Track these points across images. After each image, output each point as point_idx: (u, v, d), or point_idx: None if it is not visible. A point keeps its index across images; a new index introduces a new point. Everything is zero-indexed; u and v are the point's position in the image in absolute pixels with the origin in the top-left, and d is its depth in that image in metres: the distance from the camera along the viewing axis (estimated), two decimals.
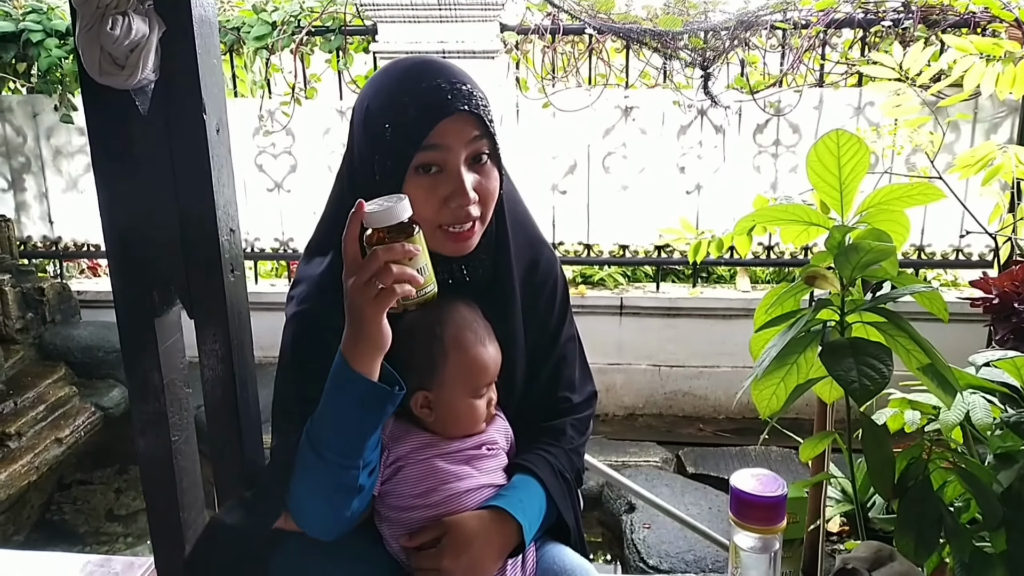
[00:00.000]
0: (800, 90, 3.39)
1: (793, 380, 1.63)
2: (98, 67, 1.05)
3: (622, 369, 3.75)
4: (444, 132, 1.00)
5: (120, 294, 1.21)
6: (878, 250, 1.46)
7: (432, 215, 1.03)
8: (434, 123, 0.99)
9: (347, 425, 0.97)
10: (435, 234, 1.03)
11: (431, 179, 1.02)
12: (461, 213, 1.02)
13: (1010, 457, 1.57)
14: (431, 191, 1.02)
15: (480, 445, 1.11)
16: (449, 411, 1.08)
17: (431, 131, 1.00)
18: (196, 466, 1.34)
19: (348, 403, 0.96)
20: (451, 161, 1.02)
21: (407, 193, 0.99)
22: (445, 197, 1.02)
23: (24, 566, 1.52)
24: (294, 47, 3.54)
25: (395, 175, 1.02)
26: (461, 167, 1.02)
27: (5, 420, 3.06)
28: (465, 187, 1.01)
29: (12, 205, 3.96)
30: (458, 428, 1.10)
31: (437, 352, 1.06)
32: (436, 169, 1.02)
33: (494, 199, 1.08)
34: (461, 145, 1.02)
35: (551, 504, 1.12)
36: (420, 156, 1.01)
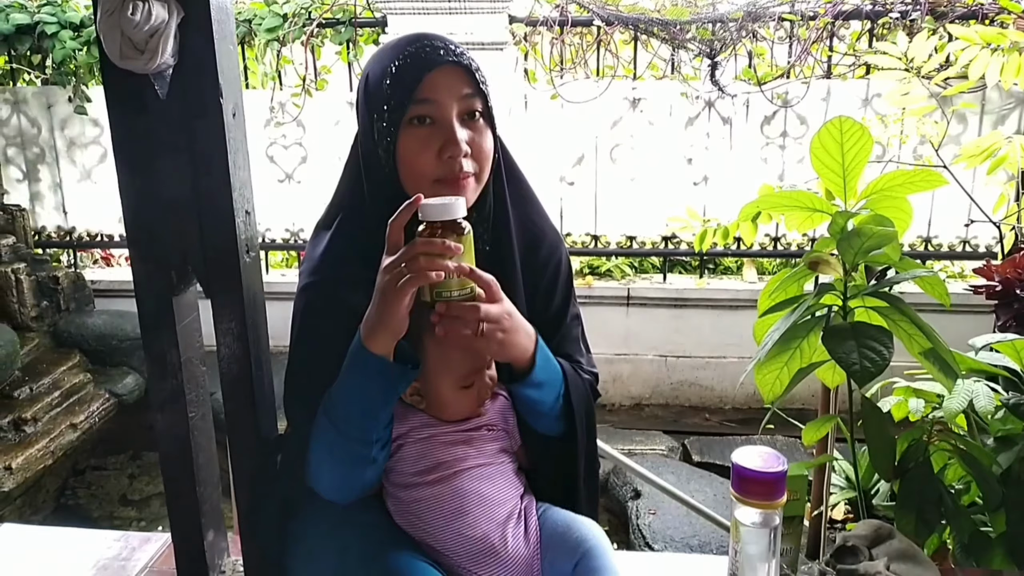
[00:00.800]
0: (808, 82, 3.40)
1: (796, 364, 1.66)
2: (119, 52, 1.08)
3: (629, 359, 3.78)
4: (435, 86, 1.05)
5: (139, 273, 1.24)
6: (880, 235, 1.49)
7: (427, 168, 1.06)
8: (423, 74, 1.03)
9: (361, 401, 1.01)
10: (433, 189, 1.05)
11: (425, 131, 1.06)
12: (454, 165, 1.05)
13: (1010, 440, 1.59)
14: (425, 143, 1.06)
15: (479, 427, 1.13)
16: (437, 399, 1.10)
17: (420, 83, 1.04)
18: (212, 443, 1.37)
19: (363, 380, 0.99)
20: (443, 114, 1.05)
21: (403, 147, 1.05)
22: (438, 149, 1.05)
23: (41, 541, 1.56)
24: (305, 39, 3.57)
25: (392, 131, 1.06)
26: (453, 120, 1.06)
27: (21, 405, 3.11)
28: (457, 138, 1.05)
29: (27, 195, 4.01)
30: (450, 414, 1.11)
31: (418, 338, 1.05)
32: (429, 122, 1.06)
33: (489, 158, 1.11)
34: (452, 99, 1.06)
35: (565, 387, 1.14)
36: (413, 109, 1.05)
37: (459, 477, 1.09)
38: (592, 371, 1.27)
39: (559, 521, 1.13)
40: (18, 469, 2.85)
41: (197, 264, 1.23)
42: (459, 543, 1.07)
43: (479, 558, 1.07)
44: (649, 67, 3.61)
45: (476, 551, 1.07)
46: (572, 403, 1.15)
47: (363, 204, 1.13)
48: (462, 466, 1.10)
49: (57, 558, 1.49)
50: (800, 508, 1.34)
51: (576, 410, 1.16)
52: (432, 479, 1.09)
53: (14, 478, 2.83)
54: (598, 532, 1.14)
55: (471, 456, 1.11)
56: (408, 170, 1.08)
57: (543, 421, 1.16)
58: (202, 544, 1.37)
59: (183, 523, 1.37)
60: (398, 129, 1.06)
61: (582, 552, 1.08)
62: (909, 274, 1.55)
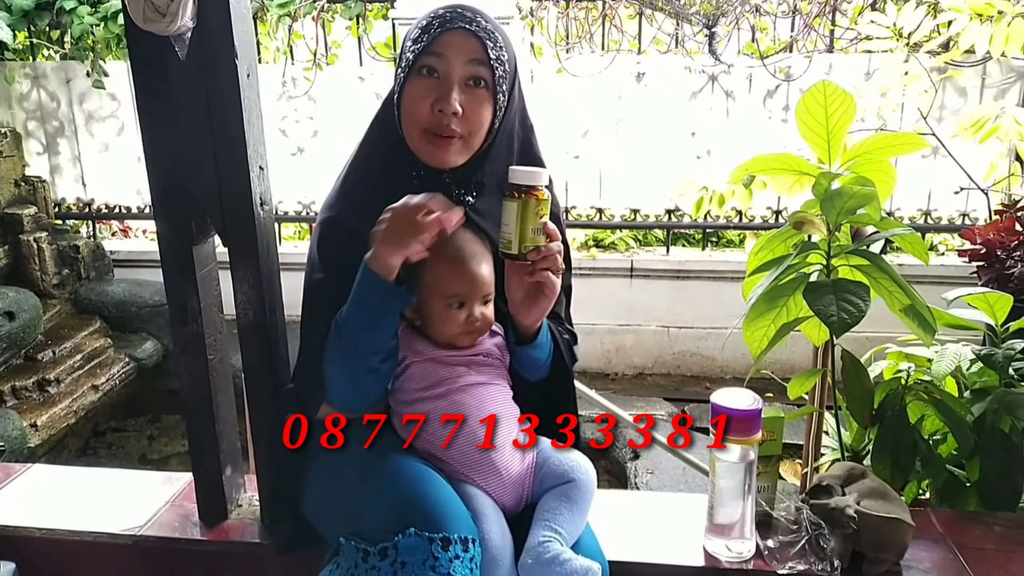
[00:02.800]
0: (810, 56, 3.45)
1: (783, 321, 1.74)
2: (142, 15, 1.17)
3: (632, 330, 3.86)
4: (446, 43, 1.16)
5: (161, 224, 1.34)
6: (860, 195, 1.56)
7: (421, 116, 1.18)
8: (441, 31, 1.15)
9: (364, 316, 1.13)
10: (421, 137, 1.19)
11: (428, 82, 1.17)
12: (443, 120, 1.16)
13: (985, 391, 1.67)
14: (424, 92, 1.17)
15: (477, 354, 1.24)
16: (428, 316, 1.21)
17: (438, 39, 1.16)
18: (230, 384, 1.48)
19: (367, 298, 1.12)
20: (448, 71, 1.17)
21: (407, 92, 1.17)
22: (433, 101, 1.16)
23: (69, 479, 1.67)
24: (316, 14, 3.65)
25: (403, 76, 1.19)
26: (454, 80, 1.17)
27: (45, 368, 3.24)
28: (451, 95, 1.16)
29: (47, 168, 4.13)
30: (438, 335, 1.22)
31: (419, 263, 1.17)
32: (436, 76, 1.17)
33: (482, 126, 1.21)
34: (459, 60, 1.17)
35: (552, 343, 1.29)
36: (423, 59, 1.17)
37: (461, 392, 1.20)
38: (572, 331, 1.41)
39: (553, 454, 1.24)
40: (43, 427, 2.99)
41: (215, 216, 1.33)
42: (459, 450, 1.18)
43: (477, 466, 1.18)
44: (653, 42, 3.66)
45: (475, 459, 1.18)
46: (563, 359, 1.32)
47: (372, 145, 1.25)
48: (463, 382, 1.21)
49: (84, 495, 1.60)
50: (776, 448, 1.43)
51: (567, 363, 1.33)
52: (436, 394, 1.20)
53: (39, 435, 2.96)
54: (589, 468, 1.24)
55: (472, 375, 1.22)
56: (406, 114, 1.19)
57: (534, 373, 1.30)
58: (221, 479, 1.48)
59: (203, 459, 1.47)
60: (408, 75, 1.18)
61: (570, 478, 1.20)
62: (888, 232, 1.62)
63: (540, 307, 1.19)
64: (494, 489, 1.18)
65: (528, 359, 1.26)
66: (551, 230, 1.15)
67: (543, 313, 1.21)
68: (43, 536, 1.47)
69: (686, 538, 1.42)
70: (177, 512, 1.52)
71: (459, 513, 1.09)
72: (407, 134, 1.20)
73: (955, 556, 1.39)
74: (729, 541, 1.35)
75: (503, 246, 1.15)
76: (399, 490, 1.10)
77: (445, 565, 1.02)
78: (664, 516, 1.50)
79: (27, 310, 3.28)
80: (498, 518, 1.15)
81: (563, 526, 1.15)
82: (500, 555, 1.11)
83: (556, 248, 1.16)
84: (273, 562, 1.41)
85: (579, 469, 1.22)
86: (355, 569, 1.05)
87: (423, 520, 1.05)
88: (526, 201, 1.12)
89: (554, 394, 1.34)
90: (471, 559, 1.05)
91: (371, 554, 1.04)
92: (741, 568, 1.35)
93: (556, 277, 1.17)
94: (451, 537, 1.04)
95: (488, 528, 1.12)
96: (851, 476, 1.44)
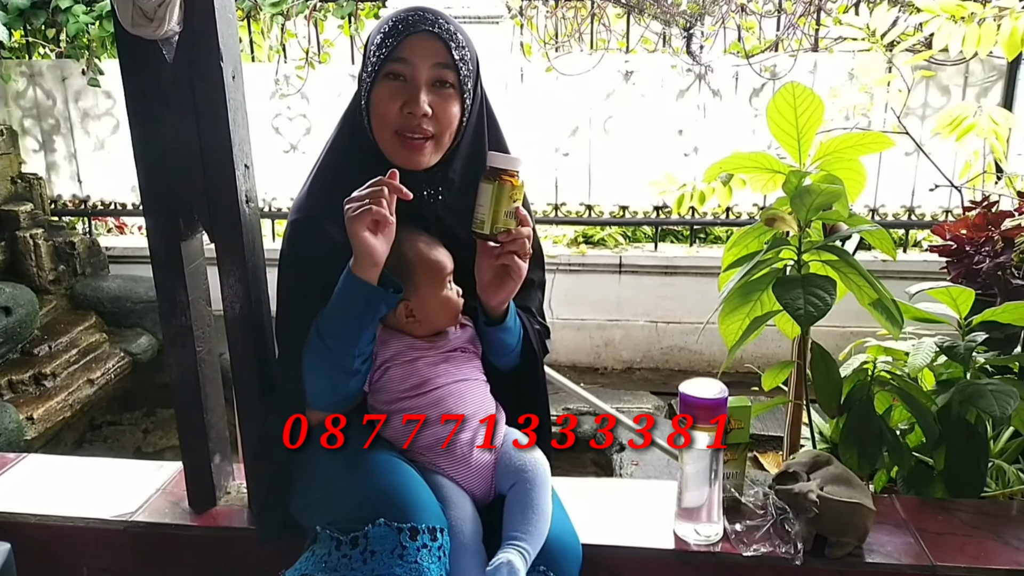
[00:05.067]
0: (795, 55, 3.50)
1: (756, 314, 1.80)
2: (131, 20, 1.22)
3: (621, 325, 3.92)
4: (411, 48, 1.21)
5: (150, 221, 1.39)
6: (829, 192, 1.61)
7: (391, 119, 1.23)
8: (404, 36, 1.20)
9: (347, 319, 1.18)
10: (392, 140, 1.24)
11: (396, 86, 1.23)
12: (413, 122, 1.22)
13: (950, 382, 1.73)
14: (393, 96, 1.23)
15: (454, 348, 1.30)
16: (429, 308, 1.27)
17: (401, 44, 1.20)
18: (218, 375, 1.53)
19: (348, 300, 1.17)
20: (414, 75, 1.22)
21: (376, 96, 1.23)
22: (402, 104, 1.22)
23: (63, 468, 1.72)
24: (308, 13, 3.69)
25: (370, 81, 1.23)
26: (421, 82, 1.22)
27: (41, 362, 3.29)
28: (419, 98, 1.21)
29: (43, 165, 4.17)
30: (440, 320, 1.29)
31: (406, 267, 1.25)
32: (402, 80, 1.22)
33: (451, 125, 1.26)
34: (425, 64, 1.22)
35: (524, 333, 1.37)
36: (389, 65, 1.22)
37: (439, 390, 1.26)
38: (544, 325, 1.47)
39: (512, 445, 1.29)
40: (39, 419, 3.04)
41: (202, 212, 1.38)
42: (432, 443, 1.24)
43: (448, 457, 1.24)
44: (641, 41, 3.71)
45: (447, 451, 1.24)
46: (533, 347, 1.38)
47: (342, 147, 1.30)
48: (442, 381, 1.27)
49: (77, 482, 1.65)
50: (744, 436, 1.48)
51: (537, 351, 1.39)
52: (416, 394, 1.26)
53: (35, 428, 3.02)
54: (542, 465, 1.28)
55: (450, 372, 1.28)
56: (375, 117, 1.24)
57: (506, 360, 1.37)
58: (209, 466, 1.53)
59: (193, 447, 1.53)
60: (375, 80, 1.23)
61: (518, 478, 1.24)
62: (856, 228, 1.67)
63: (506, 289, 1.25)
64: (464, 479, 1.24)
65: (498, 343, 1.32)
66: (522, 215, 1.21)
67: (509, 295, 1.27)
68: (37, 521, 1.53)
69: (658, 522, 1.47)
70: (167, 499, 1.58)
71: (428, 504, 1.14)
72: (378, 137, 1.25)
73: (916, 540, 1.44)
74: (698, 525, 1.41)
75: (475, 225, 1.21)
76: (372, 482, 1.16)
77: (413, 554, 1.07)
78: (638, 502, 1.56)
79: (23, 305, 3.33)
80: (468, 506, 1.21)
81: (525, 535, 1.18)
82: (470, 542, 1.17)
83: (525, 232, 1.21)
84: (260, 547, 1.46)
85: (531, 465, 1.26)
86: (328, 557, 1.10)
87: (392, 511, 1.10)
88: (502, 184, 1.19)
89: (526, 387, 1.40)
90: (439, 547, 1.10)
91: (343, 543, 1.09)
92: (709, 551, 1.40)
93: (523, 261, 1.23)
94: (419, 527, 1.09)
95: (458, 516, 1.17)
96: (816, 463, 1.50)
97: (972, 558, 1.40)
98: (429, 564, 1.08)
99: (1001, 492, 1.73)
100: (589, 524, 1.41)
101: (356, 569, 1.07)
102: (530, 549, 1.16)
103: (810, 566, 1.37)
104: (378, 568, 1.06)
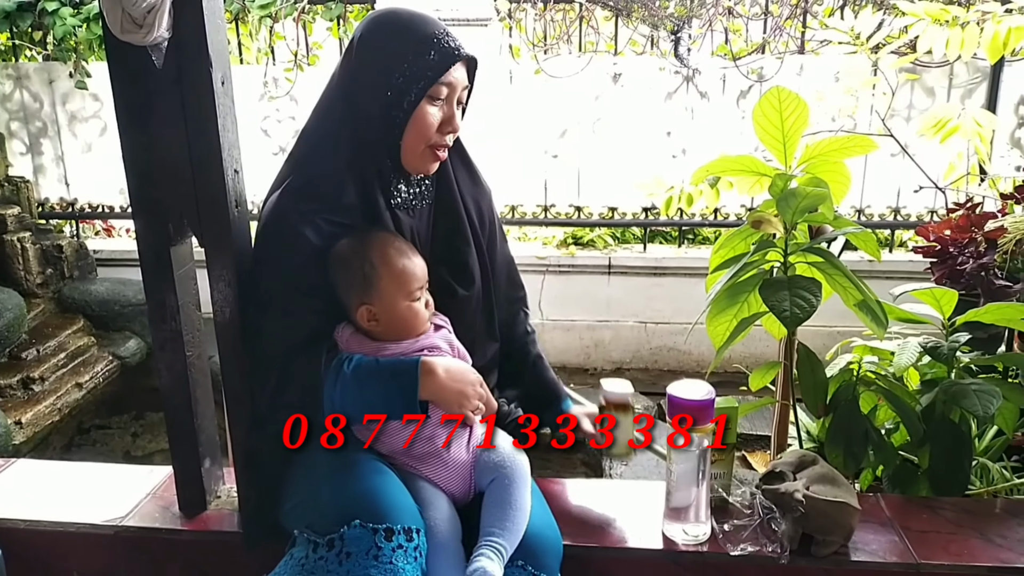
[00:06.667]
0: (782, 57, 3.53)
1: (743, 316, 1.81)
2: (120, 26, 1.23)
3: (610, 326, 3.93)
4: (454, 73, 1.31)
5: (140, 226, 1.40)
6: (814, 195, 1.63)
7: (430, 136, 1.33)
8: (451, 64, 1.30)
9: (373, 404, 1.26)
10: (425, 152, 1.34)
11: (436, 107, 1.33)
12: (445, 139, 1.35)
13: (934, 382, 1.75)
14: (436, 116, 1.33)
15: (422, 348, 1.31)
16: (392, 316, 1.29)
17: (448, 70, 1.30)
18: (208, 379, 1.53)
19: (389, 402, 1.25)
20: (451, 97, 1.34)
21: (418, 115, 1.31)
22: (441, 123, 1.33)
23: (53, 473, 1.72)
24: (296, 15, 3.69)
25: (413, 99, 1.30)
26: (455, 105, 1.35)
27: (29, 366, 3.27)
28: (457, 120, 1.35)
29: (30, 168, 4.15)
30: (405, 330, 1.31)
31: (369, 270, 1.27)
32: (441, 101, 1.33)
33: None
34: (459, 88, 1.35)
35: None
36: (435, 89, 1.30)
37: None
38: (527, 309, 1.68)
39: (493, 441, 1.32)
40: (27, 424, 3.02)
41: (191, 217, 1.38)
42: (409, 446, 1.25)
43: (425, 458, 1.25)
44: (630, 43, 3.73)
45: (423, 452, 1.25)
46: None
47: (345, 143, 1.33)
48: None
49: (68, 488, 1.65)
50: (731, 437, 1.50)
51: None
52: None
53: (24, 432, 3.00)
54: (520, 461, 1.31)
55: None
56: (414, 133, 1.31)
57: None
58: (199, 471, 1.53)
59: (183, 452, 1.53)
60: (419, 99, 1.29)
61: (497, 474, 1.27)
62: (841, 231, 1.69)
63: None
64: (442, 479, 1.25)
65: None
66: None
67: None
68: (27, 527, 1.52)
69: (646, 523, 1.49)
70: (158, 503, 1.58)
71: (404, 505, 1.16)
72: (410, 147, 1.33)
73: (900, 538, 1.46)
74: (686, 525, 1.42)
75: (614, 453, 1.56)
76: (348, 484, 1.17)
77: (388, 555, 1.09)
78: (627, 502, 1.57)
79: (11, 309, 3.31)
80: (446, 506, 1.22)
81: (502, 531, 1.20)
82: (448, 542, 1.18)
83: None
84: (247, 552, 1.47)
85: (509, 461, 1.29)
86: (306, 560, 1.12)
87: (368, 512, 1.12)
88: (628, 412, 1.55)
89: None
90: (415, 548, 1.12)
91: (320, 545, 1.11)
92: (697, 551, 1.42)
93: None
94: (394, 528, 1.11)
95: (435, 516, 1.19)
96: (802, 463, 1.52)
97: (956, 556, 1.42)
98: (404, 565, 1.09)
99: (985, 490, 1.76)
100: (578, 525, 1.43)
101: (332, 571, 1.08)
102: (507, 545, 1.18)
103: (796, 565, 1.39)
104: (353, 569, 1.08)
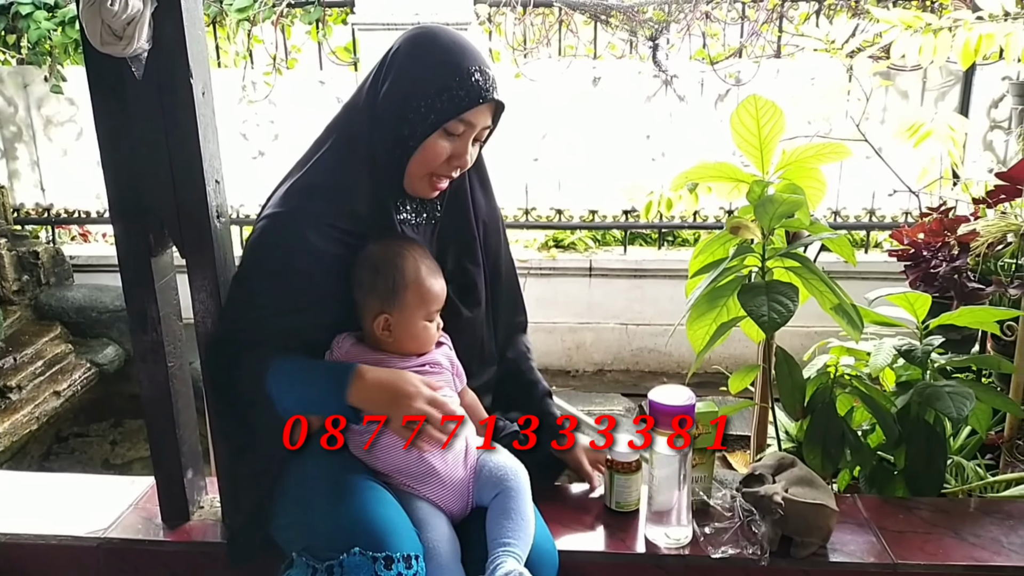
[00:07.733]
0: (759, 61, 3.57)
1: (723, 320, 1.84)
2: (99, 38, 1.22)
3: (591, 328, 3.96)
4: (477, 114, 1.28)
5: (120, 237, 1.39)
6: (791, 201, 1.66)
7: (435, 166, 1.31)
8: (476, 102, 1.27)
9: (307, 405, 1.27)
10: (425, 179, 1.32)
11: (449, 140, 1.30)
12: (450, 174, 1.34)
13: (909, 384, 1.78)
14: (446, 149, 1.30)
15: (423, 364, 1.31)
16: (406, 331, 1.29)
17: (473, 108, 1.27)
18: (189, 390, 1.53)
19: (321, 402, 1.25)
20: (467, 136, 1.30)
21: (429, 144, 1.28)
22: (450, 156, 1.30)
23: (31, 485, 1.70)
24: (275, 19, 3.68)
25: (430, 128, 1.27)
26: (469, 143, 1.32)
27: (5, 374, 3.24)
28: (468, 159, 1.32)
29: (5, 173, 4.10)
30: (414, 347, 1.30)
31: (399, 281, 1.27)
32: (455, 137, 1.30)
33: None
34: (478, 127, 1.31)
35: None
36: (453, 124, 1.27)
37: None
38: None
39: (492, 455, 1.32)
40: (4, 434, 2.99)
41: (173, 228, 1.38)
42: (406, 464, 1.25)
43: (422, 477, 1.24)
44: (609, 47, 3.75)
45: (420, 471, 1.24)
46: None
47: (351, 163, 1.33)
48: None
49: (48, 500, 1.63)
50: (711, 441, 1.52)
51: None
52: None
53: (1, 442, 2.97)
54: (519, 468, 1.32)
55: None
56: (421, 160, 1.30)
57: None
58: (182, 481, 1.53)
59: (165, 462, 1.52)
60: (432, 131, 1.27)
61: (502, 488, 1.27)
62: (817, 236, 1.72)
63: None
64: (440, 498, 1.25)
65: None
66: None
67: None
68: (8, 540, 1.51)
69: (628, 526, 1.50)
70: (140, 514, 1.57)
71: (403, 531, 1.15)
72: (413, 171, 1.31)
73: (877, 538, 1.49)
74: (667, 528, 1.44)
75: (623, 506, 1.52)
76: (347, 509, 1.16)
77: None
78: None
79: None
80: (444, 526, 1.22)
81: (516, 541, 1.20)
82: (448, 563, 1.18)
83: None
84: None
85: (512, 474, 1.29)
86: None
87: (367, 539, 1.11)
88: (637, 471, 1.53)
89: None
90: (414, 575, 1.12)
91: (319, 571, 1.11)
92: (679, 553, 1.44)
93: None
94: (394, 556, 1.10)
95: (434, 538, 1.19)
96: (781, 465, 1.54)
97: (931, 555, 1.45)
98: None
99: (960, 488, 1.79)
100: (560, 529, 1.44)
101: None
102: (522, 555, 1.19)
103: (776, 566, 1.41)
104: None
